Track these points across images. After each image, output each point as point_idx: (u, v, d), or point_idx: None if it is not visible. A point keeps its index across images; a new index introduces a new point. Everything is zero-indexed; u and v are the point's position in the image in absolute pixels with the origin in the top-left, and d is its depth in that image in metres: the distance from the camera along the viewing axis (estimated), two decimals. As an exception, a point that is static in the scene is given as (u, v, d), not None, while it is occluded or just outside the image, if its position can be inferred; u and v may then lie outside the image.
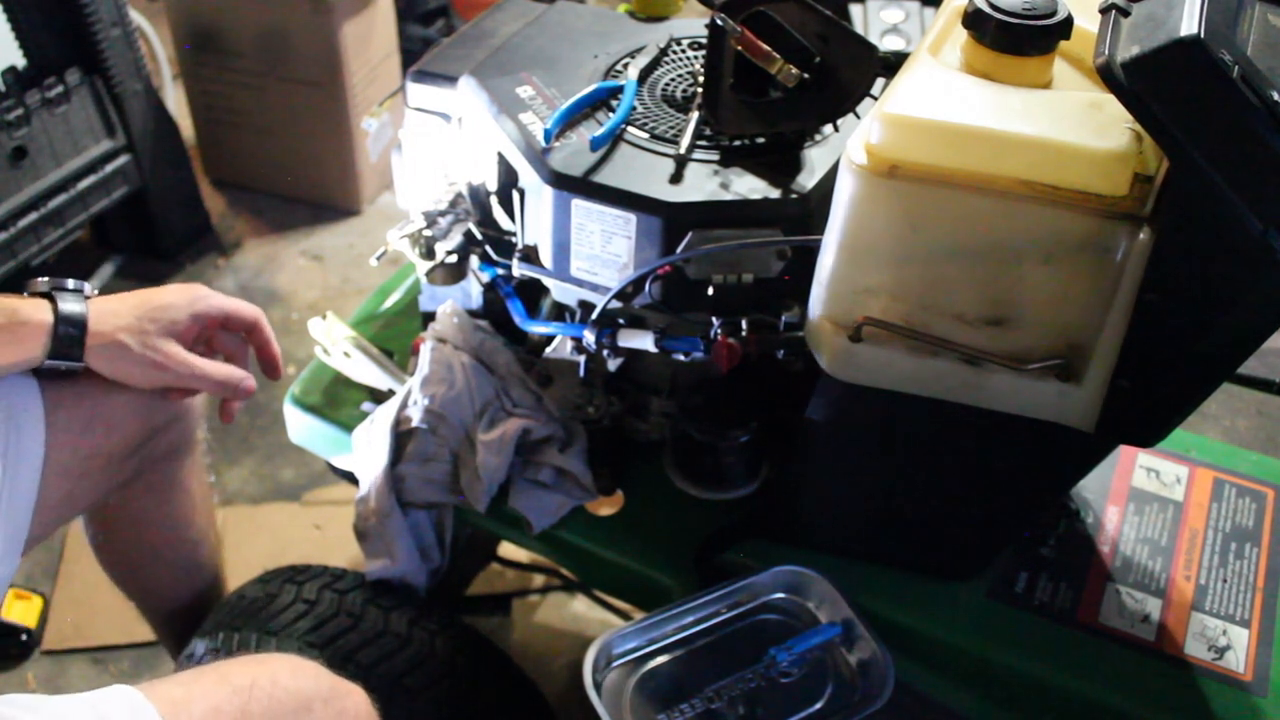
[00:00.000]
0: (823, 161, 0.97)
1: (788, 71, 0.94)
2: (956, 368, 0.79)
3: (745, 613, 0.98)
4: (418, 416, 1.09)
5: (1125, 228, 0.71)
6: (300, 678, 0.81)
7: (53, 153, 1.90)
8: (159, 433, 1.03)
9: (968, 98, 0.74)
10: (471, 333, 1.13)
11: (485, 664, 1.13)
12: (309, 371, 1.24)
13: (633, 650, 0.94)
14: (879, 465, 0.96)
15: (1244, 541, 1.03)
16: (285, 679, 0.79)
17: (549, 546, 1.10)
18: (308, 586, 1.12)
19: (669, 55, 1.10)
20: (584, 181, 0.95)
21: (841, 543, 1.02)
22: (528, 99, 1.03)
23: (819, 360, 0.84)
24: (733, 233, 0.92)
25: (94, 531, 1.16)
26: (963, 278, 0.77)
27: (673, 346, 0.99)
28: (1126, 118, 0.68)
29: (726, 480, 1.08)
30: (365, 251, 2.24)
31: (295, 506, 1.74)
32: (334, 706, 0.81)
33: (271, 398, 1.90)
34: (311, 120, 2.23)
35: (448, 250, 1.09)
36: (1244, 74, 0.61)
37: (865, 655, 0.93)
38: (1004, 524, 0.98)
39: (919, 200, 0.74)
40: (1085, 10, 0.75)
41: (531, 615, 1.55)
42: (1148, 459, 1.10)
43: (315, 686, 0.81)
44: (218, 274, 2.19)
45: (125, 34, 1.96)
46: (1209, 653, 0.94)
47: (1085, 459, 0.90)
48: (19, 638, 1.51)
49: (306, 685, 0.80)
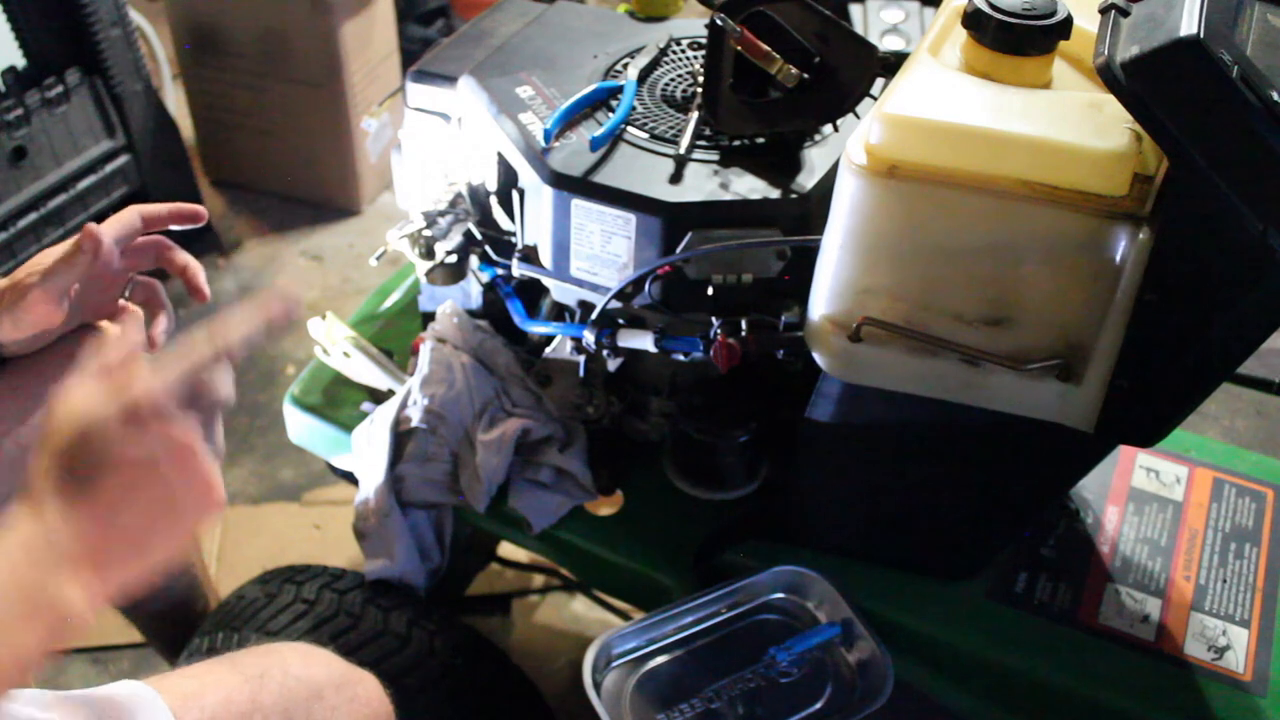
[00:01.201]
0: (823, 161, 0.97)
1: (788, 71, 0.94)
2: (956, 368, 0.79)
3: (745, 613, 0.98)
4: (417, 416, 1.09)
5: (1125, 228, 0.71)
6: (312, 665, 0.81)
7: (53, 153, 1.90)
8: None
9: (967, 98, 0.74)
10: (471, 333, 1.13)
11: (485, 664, 1.13)
12: (309, 371, 1.23)
13: (633, 650, 0.94)
14: (879, 465, 0.96)
15: (1244, 541, 1.03)
16: (296, 667, 0.79)
17: (549, 546, 1.10)
18: (307, 586, 1.12)
19: (669, 55, 1.10)
20: (584, 181, 0.95)
21: (841, 543, 1.02)
22: (527, 99, 1.03)
23: (819, 360, 0.84)
24: (733, 233, 0.92)
25: None
26: (963, 278, 0.77)
27: (672, 346, 0.99)
28: (1126, 118, 0.68)
29: (726, 480, 1.08)
30: (365, 251, 2.24)
31: (295, 506, 1.74)
32: (345, 693, 0.81)
33: (272, 398, 1.90)
34: (311, 120, 2.23)
35: (448, 250, 1.09)
36: (1244, 74, 0.61)
37: (865, 655, 0.93)
38: (1004, 524, 0.98)
39: (919, 200, 0.74)
40: (1085, 10, 0.75)
41: (531, 615, 1.55)
42: (1148, 459, 1.10)
43: (327, 674, 0.81)
44: (218, 274, 2.19)
45: (125, 34, 1.96)
46: (1209, 653, 0.94)
47: (1085, 459, 0.91)
48: (19, 638, 1.51)
49: (318, 673, 0.80)
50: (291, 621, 1.08)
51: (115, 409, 0.61)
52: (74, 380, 0.64)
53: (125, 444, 0.61)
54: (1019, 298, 0.76)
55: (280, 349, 2.01)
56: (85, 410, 0.62)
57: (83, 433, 0.62)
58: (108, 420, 0.61)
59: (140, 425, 0.61)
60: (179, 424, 0.62)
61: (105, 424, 0.61)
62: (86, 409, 0.62)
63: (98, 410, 0.62)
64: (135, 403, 0.62)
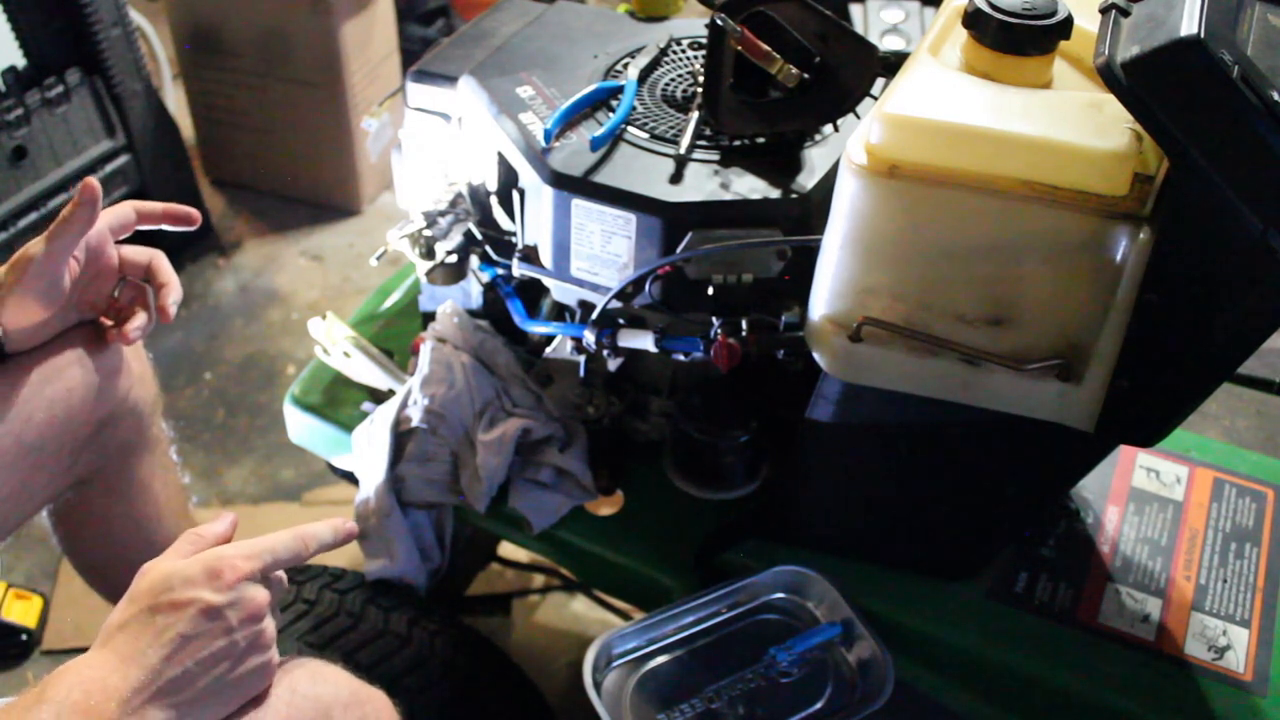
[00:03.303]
0: (823, 161, 0.97)
1: (788, 71, 0.94)
2: (956, 367, 0.79)
3: (745, 613, 0.98)
4: (418, 416, 1.09)
5: (1125, 228, 0.71)
6: (319, 684, 0.80)
7: (53, 153, 1.90)
8: (107, 426, 1.01)
9: (968, 98, 0.74)
10: (471, 333, 1.13)
11: (485, 664, 1.13)
12: (309, 371, 1.23)
13: (633, 650, 0.95)
14: (879, 465, 0.96)
15: (1244, 541, 1.03)
16: (304, 686, 0.78)
17: (549, 546, 1.10)
18: (308, 586, 1.12)
19: (669, 55, 1.10)
20: (584, 181, 0.95)
21: (841, 543, 1.02)
22: (528, 99, 1.03)
23: (819, 360, 0.84)
24: (733, 233, 0.92)
25: (61, 534, 1.15)
26: (963, 278, 0.77)
27: (673, 346, 0.99)
28: (1126, 118, 0.68)
29: (726, 480, 1.08)
30: (365, 251, 2.24)
31: (295, 506, 1.74)
32: (354, 713, 0.80)
33: (272, 398, 1.90)
34: (311, 120, 2.23)
35: (448, 250, 1.09)
36: (1244, 74, 0.61)
37: (865, 655, 0.93)
38: (1004, 524, 0.98)
39: (919, 200, 0.74)
40: (1085, 10, 0.75)
41: (531, 615, 1.55)
42: (1148, 459, 1.10)
43: (335, 693, 0.80)
44: (218, 274, 2.19)
45: (125, 34, 1.96)
46: (1209, 653, 0.94)
47: (1085, 459, 0.91)
48: (19, 638, 1.51)
49: (325, 691, 0.79)
50: (292, 621, 1.08)
51: (199, 565, 0.71)
52: (161, 556, 0.74)
53: (204, 589, 0.70)
54: (1019, 298, 0.76)
55: (280, 349, 2.02)
56: (172, 566, 0.71)
57: (167, 579, 0.70)
58: (191, 572, 0.70)
59: (220, 579, 0.70)
60: (252, 589, 0.71)
61: (189, 574, 0.70)
62: (174, 565, 0.71)
63: (184, 566, 0.71)
64: (218, 563, 0.71)
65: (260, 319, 2.09)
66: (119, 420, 1.02)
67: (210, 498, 1.74)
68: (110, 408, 0.99)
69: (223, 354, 2.01)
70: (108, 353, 0.96)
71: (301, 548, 0.76)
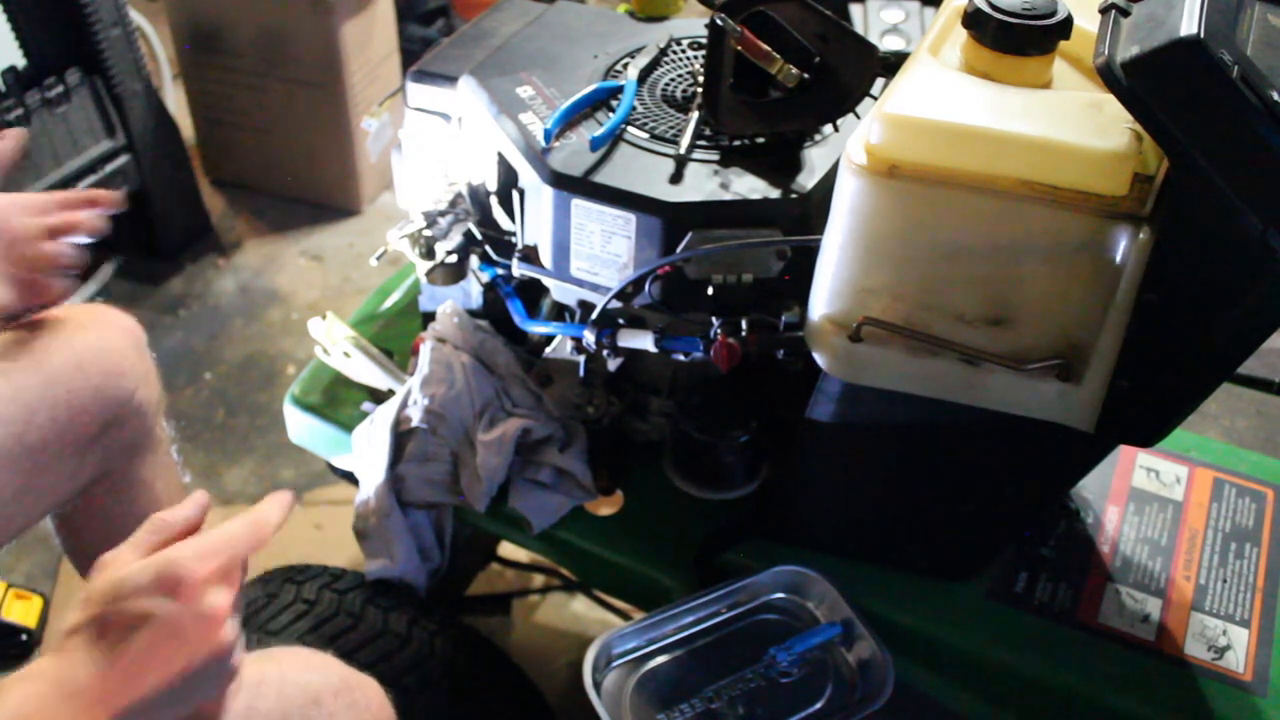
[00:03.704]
0: (823, 161, 0.97)
1: (788, 71, 0.94)
2: (956, 367, 0.79)
3: (745, 613, 0.98)
4: (418, 416, 1.09)
5: (1125, 228, 0.71)
6: (310, 671, 0.80)
7: (53, 153, 1.90)
8: (112, 427, 1.01)
9: (968, 98, 0.74)
10: (471, 333, 1.13)
11: (485, 664, 1.13)
12: (309, 371, 1.23)
13: (633, 650, 0.95)
14: (879, 465, 0.96)
15: (1244, 541, 1.03)
16: (294, 673, 0.79)
17: (549, 546, 1.10)
18: (307, 586, 1.12)
19: (669, 55, 1.10)
20: (584, 181, 0.95)
21: (841, 543, 1.02)
22: (528, 99, 1.03)
23: (819, 360, 0.84)
24: (733, 233, 0.92)
25: (63, 536, 1.16)
26: (963, 278, 0.77)
27: (672, 346, 0.99)
28: (1126, 118, 0.68)
29: (726, 480, 1.08)
30: (365, 251, 2.24)
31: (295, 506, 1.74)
32: (344, 699, 0.81)
33: (272, 398, 1.90)
34: (311, 120, 2.23)
35: (448, 250, 1.09)
36: (1244, 74, 0.61)
37: (865, 655, 0.93)
38: (1004, 524, 0.98)
39: (919, 200, 0.74)
40: (1085, 10, 0.75)
41: (531, 615, 1.55)
42: (1148, 459, 1.10)
43: (325, 680, 0.81)
44: (218, 274, 2.19)
45: (125, 34, 1.96)
46: (1209, 653, 0.94)
47: (1085, 459, 0.91)
48: (19, 638, 1.51)
49: (315, 679, 0.80)
50: (292, 621, 1.08)
51: (152, 572, 0.65)
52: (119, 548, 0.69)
53: (156, 604, 0.64)
54: (1019, 298, 0.76)
55: (280, 349, 2.02)
56: (124, 572, 0.66)
57: (117, 588, 0.65)
58: (143, 580, 0.65)
59: (172, 591, 0.65)
60: (210, 595, 0.66)
61: (140, 583, 0.65)
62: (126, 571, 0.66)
63: (136, 572, 0.65)
64: (173, 569, 0.65)
65: (260, 319, 2.09)
66: (125, 421, 1.02)
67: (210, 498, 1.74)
68: (116, 409, 1.00)
69: (223, 354, 2.01)
70: (110, 354, 0.97)
71: (260, 534, 0.72)
